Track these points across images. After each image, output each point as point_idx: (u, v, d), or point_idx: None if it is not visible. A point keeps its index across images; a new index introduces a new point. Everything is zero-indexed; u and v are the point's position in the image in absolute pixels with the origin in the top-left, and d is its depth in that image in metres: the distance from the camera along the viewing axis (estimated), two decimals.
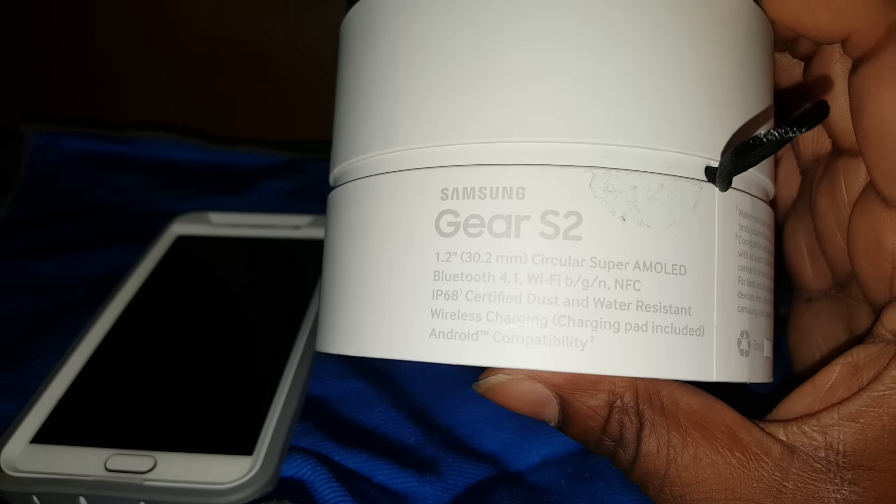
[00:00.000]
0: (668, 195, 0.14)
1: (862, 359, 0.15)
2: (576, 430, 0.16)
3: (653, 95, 0.14)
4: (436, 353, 0.14)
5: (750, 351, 0.15)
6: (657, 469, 0.15)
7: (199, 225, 0.33)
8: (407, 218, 0.15)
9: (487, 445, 0.24)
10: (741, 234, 0.15)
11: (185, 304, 0.29)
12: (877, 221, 0.16)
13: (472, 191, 0.14)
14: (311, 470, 0.22)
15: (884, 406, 0.15)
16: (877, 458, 0.15)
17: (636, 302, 0.14)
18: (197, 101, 0.44)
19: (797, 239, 0.21)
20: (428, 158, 0.15)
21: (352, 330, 0.16)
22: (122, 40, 0.44)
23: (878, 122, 0.15)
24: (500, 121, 0.14)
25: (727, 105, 0.15)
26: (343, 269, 0.16)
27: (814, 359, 0.20)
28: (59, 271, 0.32)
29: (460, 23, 0.15)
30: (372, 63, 0.16)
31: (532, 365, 0.14)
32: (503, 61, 0.15)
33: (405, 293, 0.15)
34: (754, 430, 0.15)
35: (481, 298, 0.14)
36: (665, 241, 0.14)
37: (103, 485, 0.20)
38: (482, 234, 0.14)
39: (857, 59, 0.16)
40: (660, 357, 0.14)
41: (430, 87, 0.15)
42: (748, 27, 0.16)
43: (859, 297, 0.19)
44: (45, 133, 0.40)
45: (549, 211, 0.14)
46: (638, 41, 0.14)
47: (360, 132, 0.16)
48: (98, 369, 0.25)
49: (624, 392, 0.16)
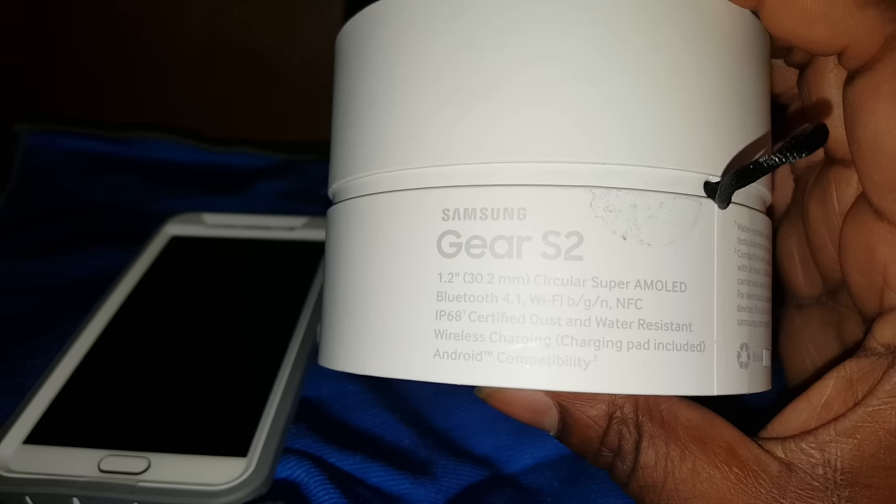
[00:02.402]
0: (668, 213, 0.14)
1: (855, 373, 0.15)
2: (575, 440, 0.16)
3: (651, 114, 0.14)
4: (440, 374, 0.15)
5: (749, 363, 0.15)
6: (654, 482, 0.15)
7: (193, 226, 0.32)
8: (409, 238, 0.15)
9: (481, 448, 0.24)
10: (740, 248, 0.15)
11: (179, 304, 0.29)
12: (868, 233, 0.16)
13: (474, 212, 0.15)
14: (305, 472, 0.22)
15: (879, 421, 0.15)
16: (873, 474, 0.15)
17: (638, 320, 0.14)
18: (192, 102, 0.44)
19: (789, 245, 0.21)
20: (428, 179, 0.15)
21: (355, 348, 0.16)
22: (117, 40, 0.43)
23: (872, 135, 0.15)
24: (500, 141, 0.15)
25: (726, 119, 0.15)
26: (345, 287, 0.16)
27: (804, 366, 0.21)
28: (52, 271, 0.32)
29: (460, 42, 0.15)
30: (370, 80, 0.16)
31: (536, 385, 0.14)
32: (502, 82, 0.15)
33: (409, 313, 0.15)
34: (753, 446, 0.15)
35: (484, 319, 0.14)
36: (665, 258, 0.14)
37: (97, 486, 0.20)
38: (484, 254, 0.14)
39: (852, 70, 0.16)
40: (661, 374, 0.14)
41: (430, 107, 0.15)
42: (745, 38, 0.16)
43: (850, 305, 0.19)
44: (39, 132, 0.40)
45: (551, 231, 0.14)
46: (635, 60, 0.14)
47: (358, 149, 0.16)
48: (92, 370, 0.25)
49: (624, 403, 0.16)
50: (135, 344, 0.26)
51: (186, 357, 0.26)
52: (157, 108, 0.44)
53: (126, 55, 0.44)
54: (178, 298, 0.29)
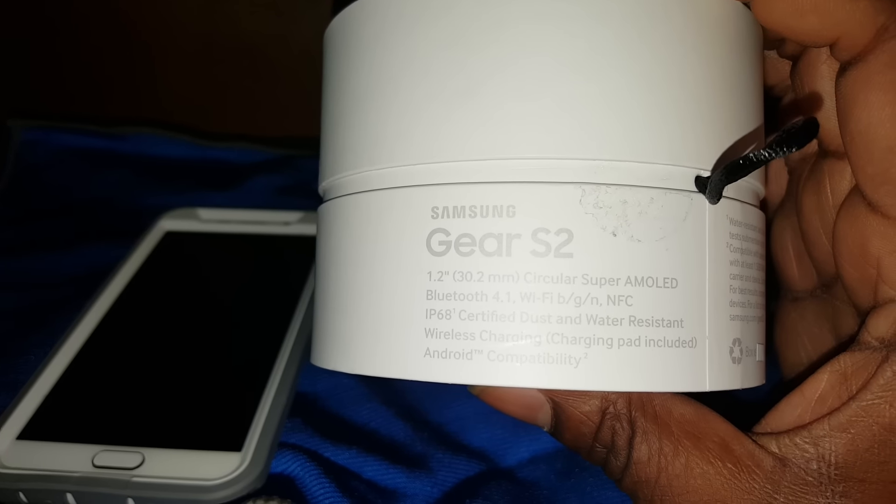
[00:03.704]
0: (659, 208, 0.14)
1: (849, 366, 0.15)
2: (568, 436, 0.16)
3: (641, 109, 0.14)
4: (431, 373, 0.14)
5: (742, 358, 0.15)
6: (648, 477, 0.15)
7: (188, 221, 0.32)
8: (398, 236, 0.15)
9: (477, 441, 0.24)
10: (732, 243, 0.15)
11: (173, 300, 0.29)
12: (862, 226, 0.16)
13: (463, 209, 0.14)
14: (300, 466, 0.22)
15: (873, 415, 0.15)
16: (867, 469, 0.15)
17: (628, 317, 0.14)
18: (187, 98, 0.44)
19: (784, 238, 0.21)
20: (417, 176, 0.15)
21: (346, 347, 0.16)
22: (112, 35, 0.43)
23: (865, 127, 0.15)
24: (489, 138, 0.14)
25: (717, 113, 0.15)
26: (335, 285, 0.16)
27: (800, 358, 0.21)
28: (47, 267, 0.32)
29: (447, 39, 0.15)
30: (358, 77, 0.16)
31: (526, 383, 0.14)
32: (490, 78, 0.14)
33: (399, 312, 0.15)
34: (747, 441, 0.15)
35: (475, 318, 0.14)
36: (656, 254, 0.14)
37: (91, 481, 0.20)
38: (474, 252, 0.14)
39: (844, 62, 0.16)
40: (653, 371, 0.14)
41: (418, 104, 0.15)
42: (737, 30, 0.16)
43: (844, 299, 0.19)
44: (33, 128, 0.39)
45: (540, 228, 0.14)
46: (625, 55, 0.14)
47: (347, 147, 0.16)
48: (86, 365, 0.25)
49: (617, 399, 0.16)
50: (129, 339, 0.26)
51: (181, 352, 0.26)
52: (151, 103, 0.44)
53: (121, 50, 0.44)
54: (173, 294, 0.29)
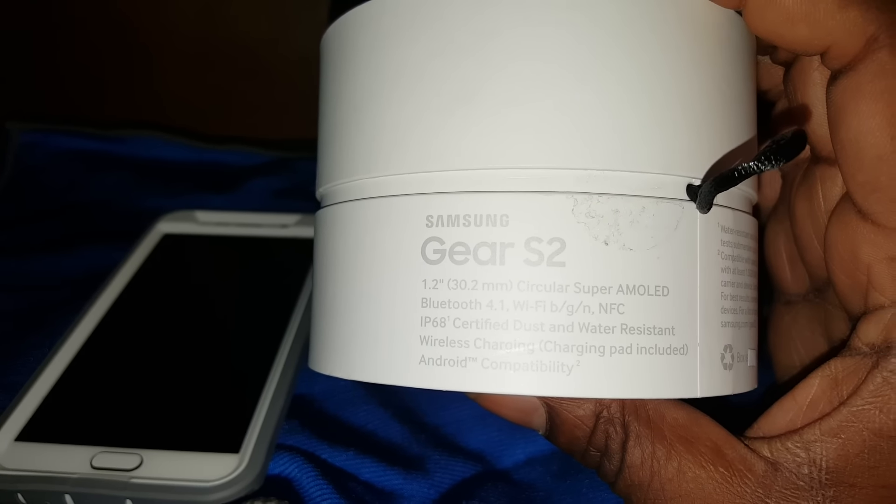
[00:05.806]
0: (651, 217, 0.14)
1: (840, 372, 0.15)
2: (562, 439, 0.16)
3: (633, 118, 0.14)
4: (426, 380, 0.15)
5: (734, 364, 0.16)
6: (641, 481, 0.16)
7: (185, 223, 0.32)
8: (393, 245, 0.15)
9: (474, 443, 0.24)
10: (723, 250, 0.15)
11: (171, 302, 0.29)
12: (853, 233, 0.16)
13: (457, 218, 0.15)
14: (297, 468, 0.22)
15: (863, 421, 0.15)
16: (857, 473, 0.15)
17: (620, 325, 0.14)
18: (185, 100, 0.44)
19: (777, 243, 0.21)
20: (411, 185, 0.15)
21: (343, 353, 0.16)
22: (111, 38, 0.43)
23: (855, 135, 0.15)
24: (481, 148, 0.15)
25: (710, 122, 0.15)
26: (332, 291, 0.17)
27: (792, 361, 0.21)
28: (45, 269, 0.32)
29: (440, 47, 0.15)
30: (353, 85, 0.16)
31: (520, 391, 0.14)
32: (483, 87, 0.15)
33: (394, 320, 0.15)
34: (739, 446, 0.15)
35: (469, 325, 0.14)
36: (648, 263, 0.14)
37: (89, 482, 0.20)
38: (468, 261, 0.15)
39: (835, 71, 0.16)
40: (644, 378, 0.14)
41: (412, 112, 0.15)
42: (729, 38, 0.16)
43: (836, 303, 0.19)
44: (31, 131, 0.39)
45: (533, 238, 0.14)
46: (616, 64, 0.14)
47: (343, 154, 0.16)
48: (84, 367, 0.25)
49: (610, 403, 0.16)
50: (127, 341, 0.26)
51: (179, 354, 0.26)
52: (149, 105, 0.44)
53: (120, 52, 0.44)
54: (171, 296, 0.29)
